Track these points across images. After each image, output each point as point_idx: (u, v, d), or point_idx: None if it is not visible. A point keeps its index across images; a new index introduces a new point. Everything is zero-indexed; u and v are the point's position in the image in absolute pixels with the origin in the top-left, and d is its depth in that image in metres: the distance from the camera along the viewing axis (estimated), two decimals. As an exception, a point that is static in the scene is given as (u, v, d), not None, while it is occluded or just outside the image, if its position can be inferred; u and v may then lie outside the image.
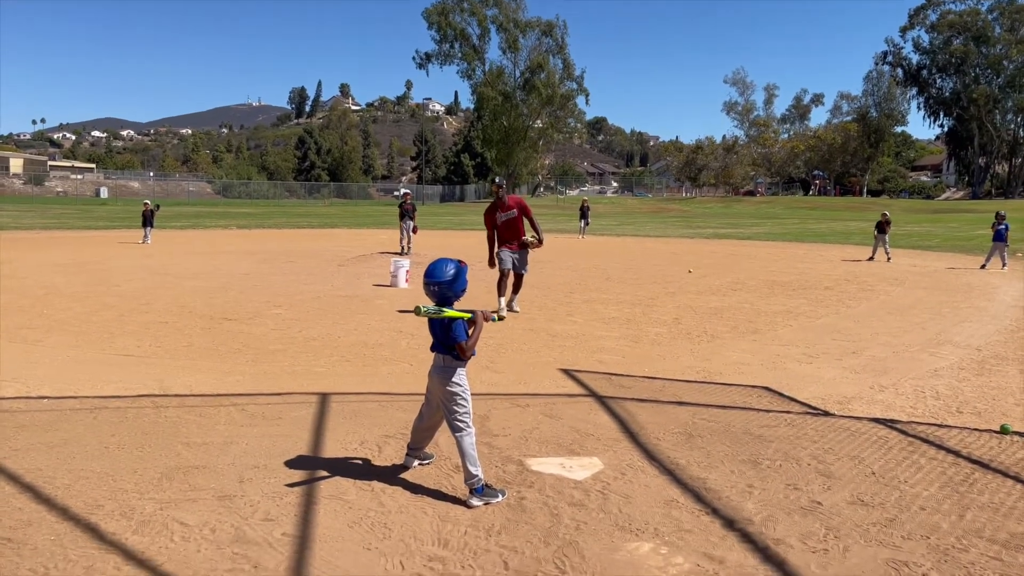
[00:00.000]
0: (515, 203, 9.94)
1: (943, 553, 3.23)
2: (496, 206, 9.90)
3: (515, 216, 9.88)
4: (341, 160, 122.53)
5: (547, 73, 79.32)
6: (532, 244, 9.97)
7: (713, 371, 6.81)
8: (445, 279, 3.83)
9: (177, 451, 4.40)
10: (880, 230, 19.12)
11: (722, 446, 4.64)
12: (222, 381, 6.18)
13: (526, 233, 10.03)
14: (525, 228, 10.03)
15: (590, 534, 3.40)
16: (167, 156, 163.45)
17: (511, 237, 9.94)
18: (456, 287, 3.86)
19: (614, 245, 25.88)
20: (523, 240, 9.94)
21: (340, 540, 3.31)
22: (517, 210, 9.89)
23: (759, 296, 11.96)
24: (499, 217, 9.86)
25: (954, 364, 7.16)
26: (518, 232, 9.94)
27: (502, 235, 9.93)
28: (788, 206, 72.28)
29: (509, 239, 9.95)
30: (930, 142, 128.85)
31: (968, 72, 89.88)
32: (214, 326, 8.75)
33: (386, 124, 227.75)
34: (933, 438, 4.87)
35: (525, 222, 10.00)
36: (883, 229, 19.05)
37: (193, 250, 20.98)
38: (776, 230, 35.02)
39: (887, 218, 19.28)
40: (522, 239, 9.94)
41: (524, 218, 9.95)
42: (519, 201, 10.01)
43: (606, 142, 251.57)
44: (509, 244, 9.93)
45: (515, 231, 9.93)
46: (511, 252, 9.94)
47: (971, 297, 12.07)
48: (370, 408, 5.41)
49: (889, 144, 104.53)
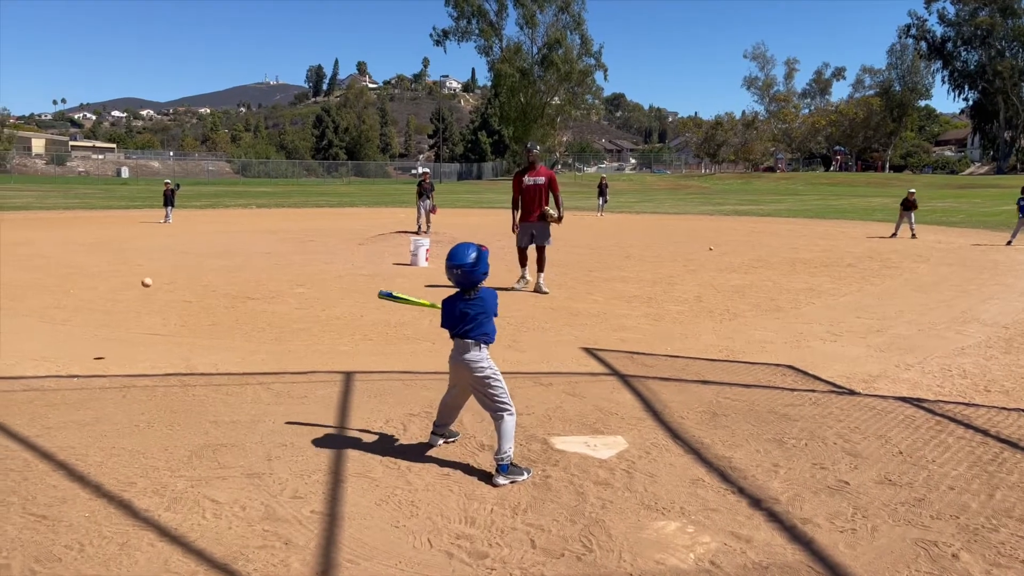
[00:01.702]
0: (545, 173, 9.93)
1: (973, 533, 3.21)
2: (526, 170, 9.94)
3: (542, 184, 9.88)
4: (359, 138, 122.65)
5: (565, 49, 78.47)
6: (551, 218, 9.93)
7: (736, 349, 6.78)
8: (467, 263, 3.87)
9: (206, 429, 4.46)
10: (905, 207, 18.89)
11: (747, 425, 4.63)
12: (247, 360, 6.24)
13: (549, 205, 9.99)
14: (549, 201, 9.99)
15: (616, 513, 3.41)
16: (186, 136, 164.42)
17: (532, 207, 9.92)
18: (478, 271, 3.89)
19: (633, 222, 25.76)
20: (543, 211, 9.90)
21: (368, 518, 3.34)
22: (545, 180, 9.87)
23: (781, 274, 11.87)
24: (526, 181, 9.87)
25: (981, 342, 7.08)
26: (540, 202, 9.91)
27: (525, 203, 9.93)
28: (809, 182, 71.47)
29: (530, 208, 9.93)
30: (954, 116, 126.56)
31: (994, 44, 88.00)
32: (237, 305, 8.82)
33: (403, 102, 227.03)
34: (961, 417, 4.82)
35: (551, 196, 9.97)
36: (908, 206, 18.80)
37: (214, 229, 21.12)
38: (797, 207, 34.66)
39: (913, 197, 18.93)
40: (542, 210, 9.90)
41: (550, 191, 9.92)
42: (549, 173, 10.00)
43: (624, 118, 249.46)
44: (529, 215, 9.92)
45: (537, 200, 9.91)
46: (529, 224, 9.92)
47: (997, 274, 11.91)
48: (394, 387, 5.44)
49: (912, 118, 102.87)
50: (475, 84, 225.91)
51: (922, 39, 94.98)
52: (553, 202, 9.98)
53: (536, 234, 9.97)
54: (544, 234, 9.98)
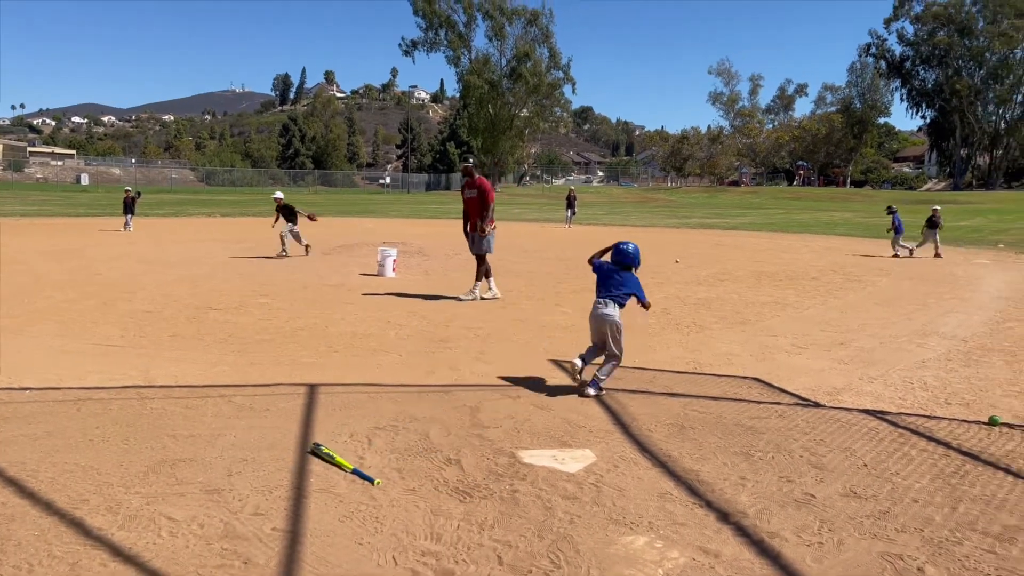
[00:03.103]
0: (479, 184, 10.09)
1: (937, 546, 3.22)
2: (465, 183, 10.23)
3: (475, 197, 10.08)
4: (326, 148, 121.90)
5: (533, 62, 78.97)
6: (479, 228, 10.07)
7: (703, 362, 6.81)
8: (630, 249, 5.73)
9: (163, 443, 4.33)
10: (930, 225, 18.08)
11: (714, 438, 4.63)
12: (208, 372, 6.10)
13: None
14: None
15: (584, 527, 3.38)
16: (149, 143, 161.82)
17: (468, 217, 10.21)
18: (636, 257, 5.77)
19: (601, 235, 25.87)
20: (475, 222, 10.10)
21: (331, 535, 3.26)
22: (477, 192, 10.05)
23: (746, 286, 11.98)
24: (465, 193, 10.20)
25: (941, 355, 7.19)
26: (474, 214, 10.11)
27: (465, 214, 10.27)
28: (773, 196, 72.56)
29: (466, 219, 10.24)
30: (912, 133, 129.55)
31: (951, 64, 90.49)
32: (199, 315, 8.65)
33: (371, 112, 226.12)
34: (923, 429, 4.88)
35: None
36: (932, 224, 18.03)
37: (176, 238, 20.77)
38: (761, 220, 35.14)
39: (938, 215, 18.18)
40: (474, 222, 10.11)
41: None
42: (482, 184, 10.10)
43: (592, 131, 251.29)
44: (466, 226, 10.23)
45: (473, 212, 10.13)
46: (468, 235, 10.23)
47: (956, 288, 12.15)
48: (360, 399, 5.35)
49: (872, 135, 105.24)
50: (444, 95, 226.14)
51: (882, 58, 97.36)
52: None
53: (473, 243, 10.14)
54: (479, 244, 10.10)
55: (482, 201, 10.00)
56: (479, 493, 3.74)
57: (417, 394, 5.53)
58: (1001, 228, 27.92)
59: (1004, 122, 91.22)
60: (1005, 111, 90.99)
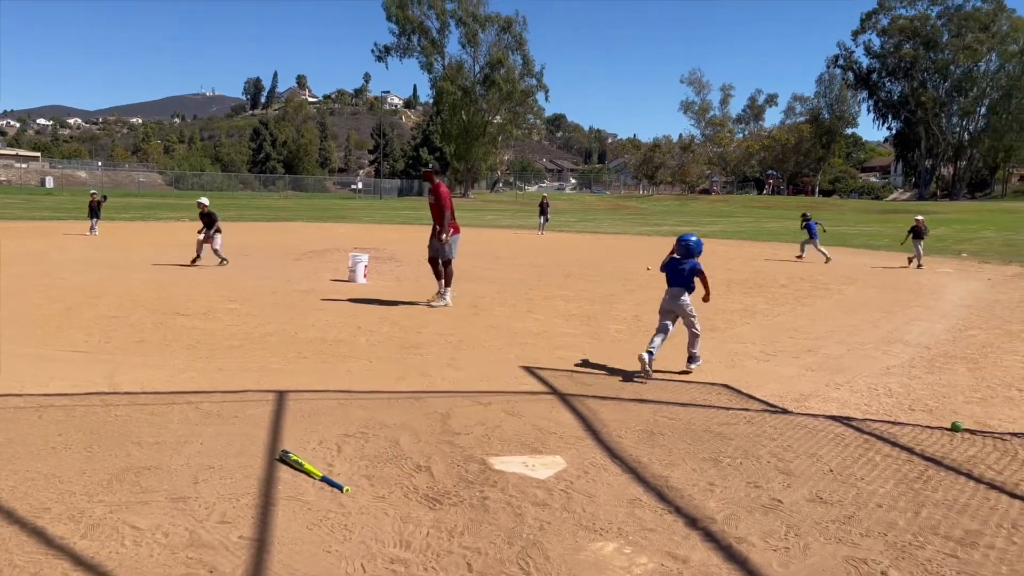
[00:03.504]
0: (436, 190, 10.16)
1: (900, 550, 3.28)
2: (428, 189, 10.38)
3: (433, 203, 10.18)
4: (297, 152, 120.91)
5: (507, 69, 79.19)
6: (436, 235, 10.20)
7: (673, 368, 6.85)
8: (693, 240, 6.65)
9: (128, 451, 4.26)
10: (915, 235, 17.93)
11: (683, 444, 4.66)
12: (175, 378, 6.02)
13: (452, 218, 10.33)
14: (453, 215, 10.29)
15: (554, 534, 3.38)
16: (116, 146, 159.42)
17: (434, 223, 10.33)
18: (698, 248, 6.67)
19: (573, 242, 25.98)
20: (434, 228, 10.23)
21: (299, 543, 3.23)
22: (434, 197, 10.17)
23: (716, 294, 12.01)
24: (429, 199, 10.32)
25: (906, 362, 7.32)
26: (435, 219, 10.24)
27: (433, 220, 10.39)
28: (743, 205, 73.42)
29: (433, 224, 10.35)
30: (879, 144, 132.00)
31: (916, 76, 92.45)
32: (166, 321, 8.53)
33: (343, 116, 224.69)
34: (887, 435, 4.96)
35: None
36: (917, 234, 17.90)
37: (143, 242, 20.48)
38: (731, 228, 35.52)
39: (921, 224, 18.07)
40: (434, 227, 10.24)
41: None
42: (438, 190, 10.17)
43: (565, 139, 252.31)
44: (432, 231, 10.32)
45: (434, 217, 10.26)
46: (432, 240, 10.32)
47: (920, 296, 12.38)
48: (329, 406, 5.31)
49: (840, 145, 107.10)
50: (417, 101, 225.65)
51: (849, 69, 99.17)
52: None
53: (431, 248, 10.28)
54: (439, 249, 10.18)
55: (439, 208, 10.08)
56: (449, 500, 3.73)
57: (387, 401, 5.50)
58: (964, 238, 28.52)
59: (968, 134, 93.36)
60: (969, 123, 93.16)
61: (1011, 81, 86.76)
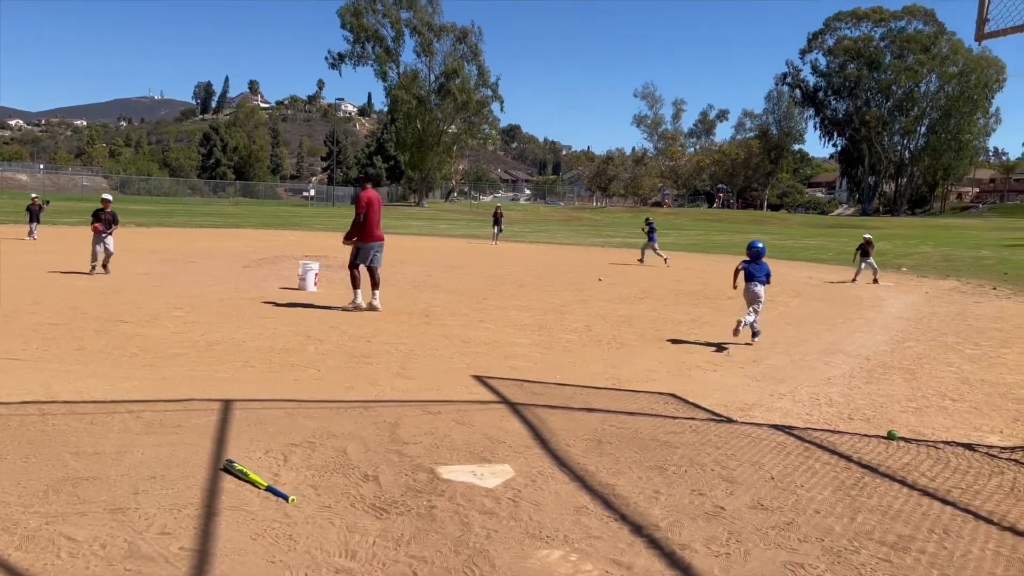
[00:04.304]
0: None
1: (836, 555, 3.37)
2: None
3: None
4: (248, 158, 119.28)
5: (462, 79, 79.24)
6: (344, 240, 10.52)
7: (622, 378, 6.94)
8: (761, 246, 9.02)
9: (65, 461, 4.15)
10: (864, 253, 18.09)
11: (630, 452, 4.73)
12: (116, 387, 5.88)
13: (377, 227, 10.50)
14: (376, 222, 10.49)
15: (500, 542, 3.39)
16: (59, 148, 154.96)
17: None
18: (764, 250, 9.05)
19: (527, 252, 26.09)
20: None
21: (242, 553, 3.18)
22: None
23: (666, 305, 12.28)
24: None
25: (846, 373, 7.53)
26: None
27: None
28: (694, 218, 74.62)
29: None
30: (825, 160, 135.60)
31: (860, 95, 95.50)
32: (108, 328, 8.32)
33: (296, 123, 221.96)
34: (827, 444, 5.09)
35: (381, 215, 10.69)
36: (867, 252, 18.05)
37: (86, 248, 19.91)
38: (682, 241, 36.07)
39: (869, 240, 18.30)
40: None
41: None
42: (357, 198, 10.51)
43: (520, 150, 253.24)
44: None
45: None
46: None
47: (861, 309, 12.74)
48: (276, 415, 5.25)
49: (788, 161, 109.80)
50: (371, 108, 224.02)
51: (797, 87, 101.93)
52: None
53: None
54: (366, 257, 10.44)
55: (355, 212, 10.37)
56: (396, 509, 3.72)
57: (335, 410, 5.45)
58: (904, 252, 29.43)
59: (908, 152, 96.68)
60: (909, 141, 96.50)
61: (950, 102, 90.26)
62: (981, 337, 9.98)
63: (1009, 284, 17.62)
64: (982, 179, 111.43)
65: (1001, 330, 10.67)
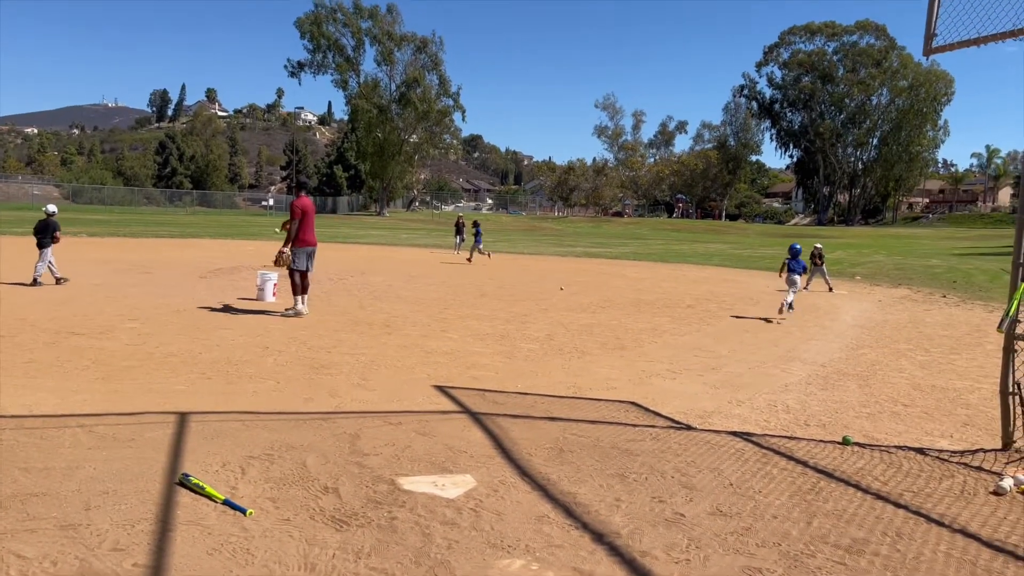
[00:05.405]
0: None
1: (793, 559, 3.43)
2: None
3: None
4: (206, 168, 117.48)
5: (423, 88, 79.09)
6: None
7: (583, 387, 6.97)
8: (798, 247, 12.78)
9: (14, 477, 4.03)
10: (814, 263, 18.28)
11: (591, 460, 4.75)
12: (67, 400, 5.73)
13: (311, 232, 10.86)
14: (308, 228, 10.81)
15: (462, 553, 3.38)
16: (9, 156, 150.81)
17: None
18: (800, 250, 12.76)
19: (489, 261, 26.09)
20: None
21: (198, 569, 3.12)
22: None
23: (626, 314, 12.38)
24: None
25: (802, 380, 7.66)
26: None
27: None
28: (654, 227, 75.41)
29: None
30: (782, 171, 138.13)
31: (815, 108, 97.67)
32: (59, 341, 8.11)
33: (255, 132, 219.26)
34: (784, 450, 5.18)
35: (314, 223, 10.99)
36: (816, 262, 18.36)
37: (35, 258, 19.40)
38: (642, 250, 36.42)
39: (820, 251, 18.74)
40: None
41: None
42: (291, 205, 10.84)
43: (481, 159, 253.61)
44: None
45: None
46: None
47: (817, 317, 12.99)
48: (233, 428, 5.16)
49: (746, 172, 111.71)
50: (331, 118, 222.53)
51: (753, 99, 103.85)
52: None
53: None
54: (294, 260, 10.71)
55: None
56: (356, 521, 3.68)
57: (294, 422, 5.39)
58: (858, 261, 30.08)
59: (861, 163, 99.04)
60: (862, 153, 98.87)
61: (900, 115, 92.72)
62: (931, 344, 10.24)
63: (958, 292, 18.13)
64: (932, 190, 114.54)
65: (951, 337, 10.96)
